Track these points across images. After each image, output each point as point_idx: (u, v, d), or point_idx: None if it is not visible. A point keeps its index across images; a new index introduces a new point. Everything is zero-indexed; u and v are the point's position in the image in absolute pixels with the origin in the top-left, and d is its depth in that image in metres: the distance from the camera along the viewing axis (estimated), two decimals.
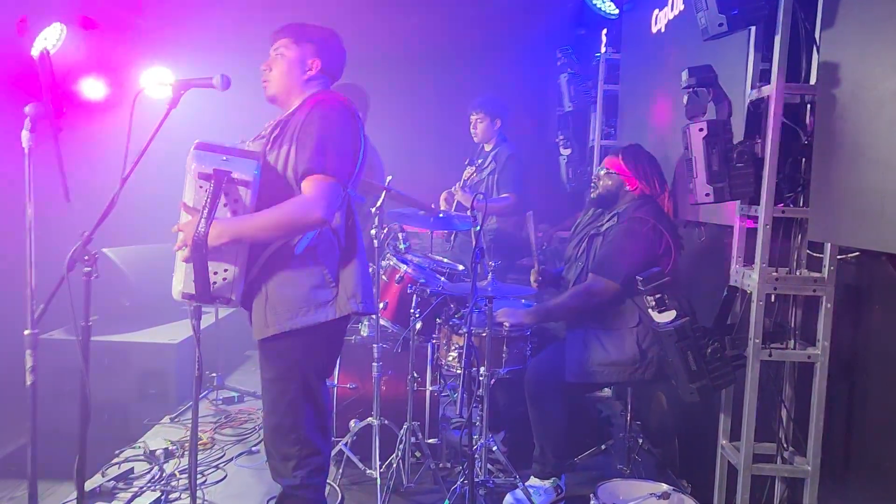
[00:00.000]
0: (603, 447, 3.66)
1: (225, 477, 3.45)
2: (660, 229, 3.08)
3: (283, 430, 2.31)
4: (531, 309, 3.24)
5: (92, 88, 4.53)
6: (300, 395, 2.30)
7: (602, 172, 3.30)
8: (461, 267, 3.73)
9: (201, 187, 2.10)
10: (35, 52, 3.64)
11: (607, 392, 4.59)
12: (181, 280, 2.19)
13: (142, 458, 3.56)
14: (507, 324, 3.15)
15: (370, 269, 3.53)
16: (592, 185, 3.38)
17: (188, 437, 3.75)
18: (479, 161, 4.52)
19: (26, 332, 2.17)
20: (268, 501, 3.14)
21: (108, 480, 3.23)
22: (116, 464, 3.47)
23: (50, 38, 3.92)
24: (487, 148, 4.57)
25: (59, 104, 2.15)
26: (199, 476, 3.31)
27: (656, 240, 3.07)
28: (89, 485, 3.06)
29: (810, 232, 2.22)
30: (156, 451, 3.58)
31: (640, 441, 3.54)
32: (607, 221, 3.21)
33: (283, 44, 2.40)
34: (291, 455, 2.30)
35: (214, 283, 2.18)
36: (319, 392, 2.36)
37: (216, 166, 2.10)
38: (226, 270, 2.19)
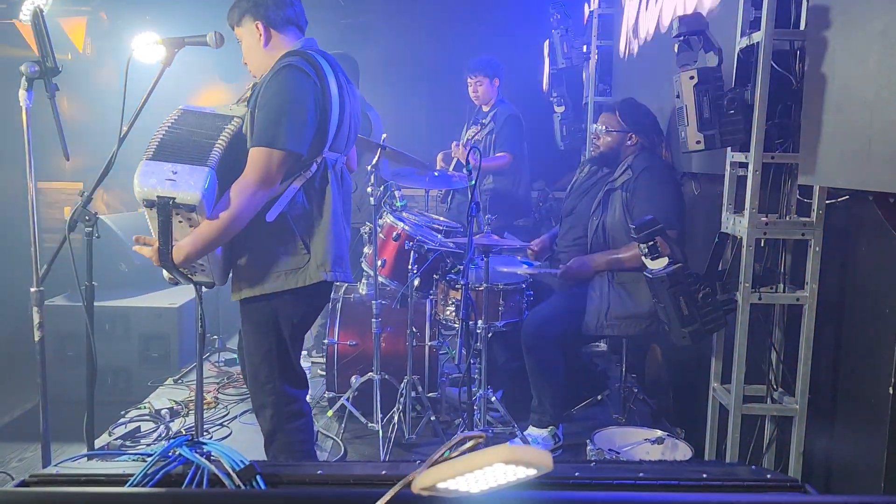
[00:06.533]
0: (599, 398, 3.75)
1: (230, 434, 3.53)
2: (675, 175, 3.22)
3: (259, 380, 2.40)
4: (599, 261, 3.21)
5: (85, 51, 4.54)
6: (275, 349, 2.37)
7: (602, 131, 3.33)
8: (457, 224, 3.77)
9: (149, 213, 2.10)
10: (25, 12, 3.62)
11: (603, 346, 4.67)
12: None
13: (147, 417, 3.63)
14: (574, 273, 3.19)
15: (363, 230, 3.59)
16: (592, 144, 3.41)
17: (192, 398, 3.82)
18: (483, 120, 4.54)
19: (32, 289, 2.22)
20: None
21: (116, 439, 3.31)
22: (123, 423, 3.54)
23: None
24: (486, 109, 4.59)
25: (55, 63, 2.15)
26: (204, 433, 3.38)
27: (679, 185, 3.20)
28: (97, 444, 3.13)
29: (800, 175, 2.25)
30: (161, 410, 3.65)
31: (636, 391, 3.62)
32: (620, 175, 3.24)
33: (237, 30, 2.41)
34: (267, 404, 2.40)
35: (193, 273, 2.28)
36: (294, 346, 2.43)
37: (160, 191, 2.03)
38: (200, 264, 2.25)
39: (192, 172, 2.06)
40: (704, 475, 1.16)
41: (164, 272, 2.30)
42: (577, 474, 1.15)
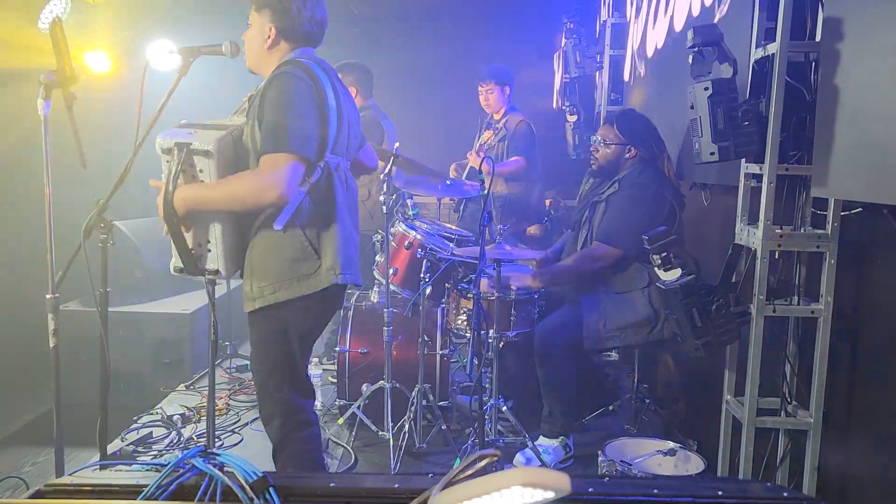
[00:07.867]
0: (610, 408, 3.73)
1: (241, 440, 3.54)
2: (661, 193, 3.13)
3: (266, 389, 2.39)
4: (537, 272, 3.30)
5: (97, 61, 4.60)
6: (284, 359, 2.36)
7: (600, 144, 3.33)
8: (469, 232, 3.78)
9: (167, 162, 2.18)
10: (44, 21, 3.68)
11: (614, 356, 4.65)
12: (174, 255, 2.31)
13: (160, 423, 3.64)
14: (513, 287, 3.21)
15: (376, 238, 3.60)
16: (592, 157, 3.41)
17: (204, 404, 3.83)
18: (496, 125, 4.58)
19: (48, 295, 2.23)
20: None
21: (128, 445, 3.33)
22: (135, 429, 3.56)
23: (57, 8, 3.95)
24: (497, 117, 4.62)
25: (73, 72, 2.18)
26: (216, 439, 3.39)
27: (659, 204, 3.13)
28: (109, 449, 3.14)
29: (813, 187, 2.24)
30: (173, 416, 3.66)
31: (647, 402, 3.60)
32: (609, 188, 3.25)
33: (250, 14, 2.37)
34: (276, 414, 2.38)
35: (199, 256, 2.28)
36: (303, 356, 2.42)
37: (178, 139, 2.16)
38: (208, 242, 2.27)
39: (207, 132, 2.22)
40: (720, 492, 1.15)
41: (173, 263, 2.31)
42: (590, 490, 1.14)
